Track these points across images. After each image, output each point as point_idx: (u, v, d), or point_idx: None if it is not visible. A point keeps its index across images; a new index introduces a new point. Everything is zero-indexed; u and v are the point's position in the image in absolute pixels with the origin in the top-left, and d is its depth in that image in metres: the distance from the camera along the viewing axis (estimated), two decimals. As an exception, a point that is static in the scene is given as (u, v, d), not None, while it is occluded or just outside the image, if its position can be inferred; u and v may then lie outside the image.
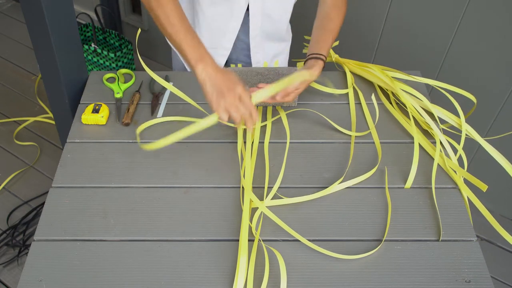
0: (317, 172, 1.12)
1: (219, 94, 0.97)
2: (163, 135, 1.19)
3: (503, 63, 1.64)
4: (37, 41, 1.18)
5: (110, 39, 2.37)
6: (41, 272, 0.93)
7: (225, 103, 0.96)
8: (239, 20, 1.29)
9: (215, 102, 0.97)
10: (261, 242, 0.97)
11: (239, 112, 0.97)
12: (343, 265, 0.95)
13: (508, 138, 1.42)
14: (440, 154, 1.13)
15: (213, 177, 1.10)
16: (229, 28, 1.31)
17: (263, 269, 0.93)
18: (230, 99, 0.96)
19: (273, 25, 1.33)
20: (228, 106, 0.96)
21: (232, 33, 1.32)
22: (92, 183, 1.08)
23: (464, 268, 0.94)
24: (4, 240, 1.87)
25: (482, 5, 1.57)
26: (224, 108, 0.97)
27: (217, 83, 0.98)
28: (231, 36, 1.32)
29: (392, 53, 1.87)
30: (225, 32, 1.32)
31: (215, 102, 0.97)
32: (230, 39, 1.33)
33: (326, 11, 1.25)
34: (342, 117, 1.24)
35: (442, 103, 1.24)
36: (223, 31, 1.32)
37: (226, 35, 1.32)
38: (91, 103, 1.25)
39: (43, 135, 2.30)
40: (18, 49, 2.76)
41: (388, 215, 1.02)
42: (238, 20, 1.29)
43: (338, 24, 1.25)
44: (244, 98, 0.97)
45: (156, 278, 0.92)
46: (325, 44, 1.21)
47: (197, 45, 1.01)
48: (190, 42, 1.00)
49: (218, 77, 0.98)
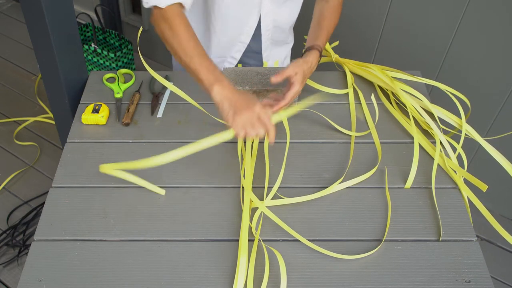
0: (317, 172, 1.12)
1: (237, 112, 0.97)
2: (163, 135, 1.19)
3: (503, 63, 1.64)
4: (37, 41, 1.18)
5: (110, 39, 2.37)
6: (41, 272, 0.93)
7: (242, 120, 0.96)
8: (249, 35, 1.30)
9: (232, 119, 0.97)
10: (261, 242, 0.97)
11: (255, 130, 0.96)
12: (343, 265, 0.95)
13: (508, 138, 1.42)
14: (440, 154, 1.13)
15: (213, 177, 1.10)
16: (239, 42, 1.32)
17: (263, 269, 0.93)
18: (248, 116, 0.96)
19: (282, 34, 1.35)
20: (245, 123, 0.96)
21: (241, 46, 1.33)
22: (92, 183, 1.08)
23: (464, 268, 0.94)
24: (4, 240, 1.87)
25: (482, 5, 1.57)
26: (241, 125, 0.96)
27: (235, 102, 0.98)
28: (240, 48, 1.34)
29: (392, 53, 1.87)
30: (235, 44, 1.33)
31: (231, 118, 0.97)
32: (238, 50, 1.35)
33: (322, 11, 1.26)
34: (342, 117, 1.24)
35: (442, 103, 1.24)
36: (232, 44, 1.33)
37: (235, 46, 1.34)
38: (91, 103, 1.25)
39: (43, 135, 2.30)
40: (18, 49, 2.76)
41: (388, 215, 1.02)
42: (248, 35, 1.30)
43: (333, 22, 1.26)
44: (263, 117, 0.97)
45: (156, 278, 0.92)
46: (321, 38, 1.22)
47: (213, 69, 1.01)
48: (206, 68, 1.00)
49: (235, 97, 0.99)
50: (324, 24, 1.25)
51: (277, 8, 1.26)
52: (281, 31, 1.34)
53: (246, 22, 1.27)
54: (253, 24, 1.28)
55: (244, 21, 1.27)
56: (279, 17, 1.28)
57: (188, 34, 1.03)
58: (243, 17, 1.26)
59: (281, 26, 1.32)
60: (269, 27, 1.29)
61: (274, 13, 1.26)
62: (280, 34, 1.35)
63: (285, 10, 1.28)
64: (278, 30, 1.33)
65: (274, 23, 1.29)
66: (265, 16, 1.26)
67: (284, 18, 1.30)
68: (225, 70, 1.26)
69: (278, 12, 1.27)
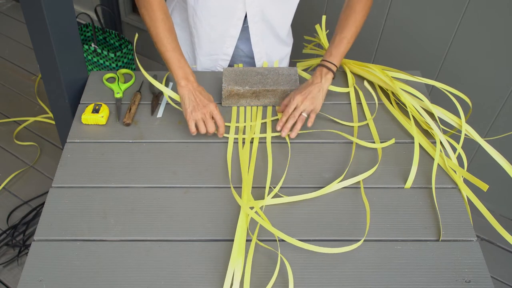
0: (317, 172, 1.12)
1: (194, 109, 1.13)
2: (163, 135, 1.19)
3: (503, 63, 1.64)
4: (37, 41, 1.18)
5: (110, 39, 2.37)
6: (41, 272, 0.93)
7: (196, 116, 1.13)
8: (237, 27, 1.30)
9: (189, 115, 1.13)
10: (259, 242, 0.97)
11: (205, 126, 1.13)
12: (343, 265, 0.95)
13: (508, 138, 1.42)
14: (440, 154, 1.13)
15: (213, 177, 1.10)
16: (228, 36, 1.32)
17: (263, 269, 0.93)
18: (201, 113, 1.12)
19: (274, 31, 1.34)
20: (198, 119, 1.13)
21: (231, 40, 1.33)
22: (92, 183, 1.08)
23: (464, 268, 0.94)
24: (4, 240, 1.87)
25: (482, 4, 1.57)
26: (194, 120, 1.13)
27: (194, 99, 1.13)
28: (231, 43, 1.33)
29: (392, 53, 1.87)
30: (225, 40, 1.33)
31: (188, 114, 1.13)
32: (230, 45, 1.34)
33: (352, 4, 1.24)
34: (342, 117, 1.24)
35: (442, 103, 1.24)
36: (222, 39, 1.32)
37: (225, 42, 1.33)
38: (91, 103, 1.25)
39: (43, 135, 2.30)
40: (18, 49, 2.76)
41: (367, 215, 1.02)
42: (237, 27, 1.30)
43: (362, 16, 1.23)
44: (215, 115, 1.13)
45: (156, 278, 0.92)
46: (341, 49, 1.22)
47: (183, 65, 1.16)
48: (177, 61, 1.15)
49: (195, 95, 1.14)
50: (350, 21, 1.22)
51: (265, 0, 1.24)
52: (272, 28, 1.32)
53: (233, 13, 1.26)
54: (241, 15, 1.27)
55: (231, 12, 1.26)
56: (269, 10, 1.27)
57: (165, 26, 1.15)
58: (228, 7, 1.25)
59: (271, 22, 1.30)
60: (256, 19, 1.28)
61: (260, 3, 1.25)
62: (272, 31, 1.33)
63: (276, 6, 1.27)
64: (269, 26, 1.31)
65: (263, 17, 1.28)
66: (250, 6, 1.25)
67: (275, 12, 1.29)
68: (225, 70, 1.26)
69: (266, 5, 1.25)
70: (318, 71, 1.21)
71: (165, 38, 1.15)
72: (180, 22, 1.36)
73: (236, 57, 1.40)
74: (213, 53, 1.36)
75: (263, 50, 1.37)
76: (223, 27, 1.29)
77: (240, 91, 1.23)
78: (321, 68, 1.21)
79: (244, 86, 1.23)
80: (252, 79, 1.25)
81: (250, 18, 1.27)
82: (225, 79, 1.24)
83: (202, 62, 1.39)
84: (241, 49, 1.37)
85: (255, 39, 1.33)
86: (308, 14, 1.31)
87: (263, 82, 1.24)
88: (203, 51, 1.36)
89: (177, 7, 1.36)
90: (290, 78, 1.25)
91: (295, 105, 1.16)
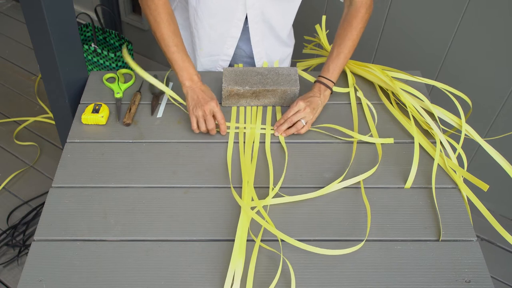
0: (317, 172, 1.12)
1: (196, 106, 1.15)
2: (163, 135, 1.19)
3: (503, 63, 1.64)
4: (37, 41, 1.18)
5: (110, 39, 2.37)
6: (41, 272, 0.93)
7: (197, 114, 1.15)
8: (238, 28, 1.30)
9: (191, 112, 1.16)
10: (262, 245, 0.97)
11: (206, 123, 1.16)
12: (343, 265, 0.95)
13: (508, 138, 1.42)
14: (440, 154, 1.13)
15: (213, 177, 1.10)
16: (229, 36, 1.32)
17: (264, 269, 0.93)
18: (203, 111, 1.15)
19: (274, 32, 1.34)
20: (199, 116, 1.15)
21: (232, 41, 1.33)
22: (92, 183, 1.08)
23: (464, 268, 0.94)
24: (4, 240, 1.87)
25: (482, 5, 1.57)
26: (196, 117, 1.16)
27: (197, 98, 1.16)
28: (232, 43, 1.34)
29: (392, 53, 1.87)
30: (225, 41, 1.33)
31: (191, 111, 1.16)
32: (231, 46, 1.34)
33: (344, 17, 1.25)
34: (342, 117, 1.24)
35: (442, 103, 1.24)
36: (223, 39, 1.33)
37: (226, 42, 1.34)
38: (91, 103, 1.25)
39: (43, 135, 2.30)
40: (18, 49, 2.76)
41: (368, 216, 1.02)
42: (237, 28, 1.30)
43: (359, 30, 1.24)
44: (216, 112, 1.16)
45: (156, 278, 0.92)
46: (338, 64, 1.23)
47: (187, 66, 1.18)
48: (182, 62, 1.18)
49: (200, 93, 1.16)
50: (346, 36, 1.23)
51: (265, 1, 1.25)
52: (272, 28, 1.32)
53: (234, 14, 1.27)
54: (241, 16, 1.27)
55: (232, 13, 1.26)
56: (269, 11, 1.27)
57: (169, 27, 1.17)
58: (229, 8, 1.25)
59: (272, 23, 1.31)
60: (256, 20, 1.28)
61: (261, 5, 1.25)
62: (272, 31, 1.33)
63: (276, 7, 1.27)
64: (269, 27, 1.31)
65: (263, 18, 1.28)
66: (251, 7, 1.25)
67: (276, 13, 1.29)
68: (225, 70, 1.26)
69: (267, 6, 1.26)
70: (317, 87, 1.22)
71: (169, 38, 1.16)
72: (182, 21, 1.36)
73: (237, 57, 1.40)
74: (213, 54, 1.36)
75: (263, 51, 1.37)
76: (224, 27, 1.30)
77: (240, 91, 1.23)
78: (319, 85, 1.22)
79: (244, 86, 1.23)
80: (252, 79, 1.25)
81: (251, 19, 1.27)
82: (225, 79, 1.24)
83: (203, 62, 1.39)
84: (243, 49, 1.37)
85: (255, 39, 1.33)
86: (308, 14, 1.31)
87: (263, 82, 1.24)
88: (204, 51, 1.36)
89: (179, 7, 1.36)
90: (290, 78, 1.25)
91: (297, 109, 1.18)
